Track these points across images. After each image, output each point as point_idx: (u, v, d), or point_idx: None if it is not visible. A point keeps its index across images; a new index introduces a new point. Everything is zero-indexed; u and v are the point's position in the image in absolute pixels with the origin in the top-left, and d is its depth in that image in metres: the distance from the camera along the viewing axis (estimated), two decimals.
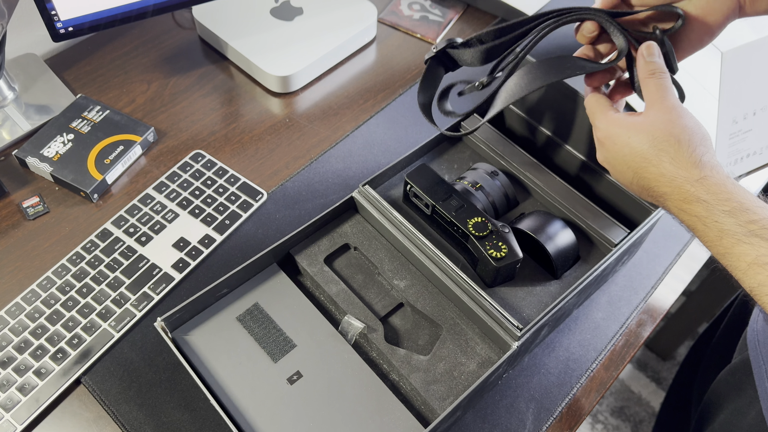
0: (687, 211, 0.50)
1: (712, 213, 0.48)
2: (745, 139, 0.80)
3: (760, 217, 0.46)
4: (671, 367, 1.54)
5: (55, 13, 0.75)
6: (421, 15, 1.01)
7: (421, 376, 0.60)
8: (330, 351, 0.62)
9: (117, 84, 0.90)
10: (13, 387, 0.63)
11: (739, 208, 0.47)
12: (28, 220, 0.76)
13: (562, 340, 0.69)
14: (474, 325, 0.63)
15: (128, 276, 0.71)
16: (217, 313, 0.64)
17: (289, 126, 0.87)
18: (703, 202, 0.49)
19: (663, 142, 0.51)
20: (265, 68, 0.88)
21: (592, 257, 0.67)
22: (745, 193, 0.48)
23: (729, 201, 0.48)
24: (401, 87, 0.92)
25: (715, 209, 0.48)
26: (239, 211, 0.77)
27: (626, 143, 0.53)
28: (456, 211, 0.64)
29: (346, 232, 0.69)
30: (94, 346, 0.66)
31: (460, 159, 0.75)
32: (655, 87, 0.54)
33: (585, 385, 0.67)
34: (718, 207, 0.48)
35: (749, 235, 0.46)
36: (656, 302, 0.74)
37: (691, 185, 0.49)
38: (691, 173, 0.49)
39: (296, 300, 0.65)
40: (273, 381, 0.60)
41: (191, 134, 0.85)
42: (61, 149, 0.80)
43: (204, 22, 0.92)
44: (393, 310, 0.65)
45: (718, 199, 0.48)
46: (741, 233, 0.46)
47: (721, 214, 0.48)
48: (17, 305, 0.68)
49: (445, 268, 0.63)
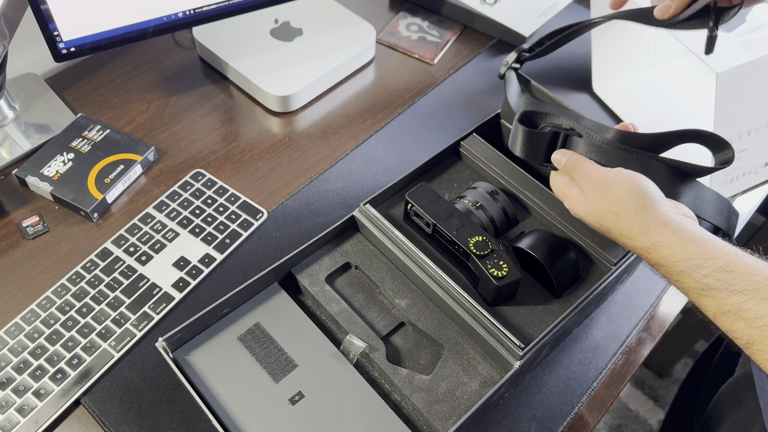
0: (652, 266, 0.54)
1: (671, 275, 0.51)
2: (741, 158, 0.81)
3: (711, 270, 0.48)
4: (668, 384, 1.54)
5: (57, 33, 0.76)
6: (419, 36, 1.02)
7: (424, 396, 0.60)
8: (332, 371, 0.62)
9: (117, 103, 0.91)
10: (12, 408, 0.63)
11: (692, 266, 0.49)
12: (28, 239, 0.76)
13: (563, 358, 0.69)
14: (475, 344, 0.63)
15: (128, 295, 0.71)
16: (218, 333, 0.64)
17: (289, 145, 0.88)
18: (661, 266, 0.52)
19: (607, 220, 0.55)
20: (265, 88, 0.89)
21: (591, 276, 0.68)
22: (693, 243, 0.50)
23: (680, 262, 0.50)
24: (400, 106, 0.93)
25: (672, 271, 0.51)
26: (239, 230, 0.77)
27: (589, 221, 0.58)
28: (457, 230, 0.64)
29: (347, 251, 0.69)
30: (93, 367, 0.66)
31: (459, 178, 0.75)
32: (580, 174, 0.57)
33: (586, 403, 0.67)
34: (673, 269, 0.50)
35: (706, 289, 0.48)
36: (655, 320, 0.74)
37: (646, 252, 0.52)
38: (640, 242, 0.52)
39: (297, 319, 0.65)
40: (274, 401, 0.60)
41: (191, 153, 0.86)
42: (62, 168, 0.80)
43: (204, 43, 0.93)
44: (394, 329, 0.65)
45: (670, 262, 0.50)
46: (698, 289, 0.49)
47: (679, 275, 0.50)
48: (16, 325, 0.68)
49: (446, 287, 0.63)
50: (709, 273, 0.48)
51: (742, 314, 0.46)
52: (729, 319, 0.47)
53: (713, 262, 0.48)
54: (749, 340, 0.46)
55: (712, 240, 0.50)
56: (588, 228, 0.69)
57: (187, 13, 0.83)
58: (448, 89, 0.95)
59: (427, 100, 0.93)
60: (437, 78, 0.97)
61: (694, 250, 0.49)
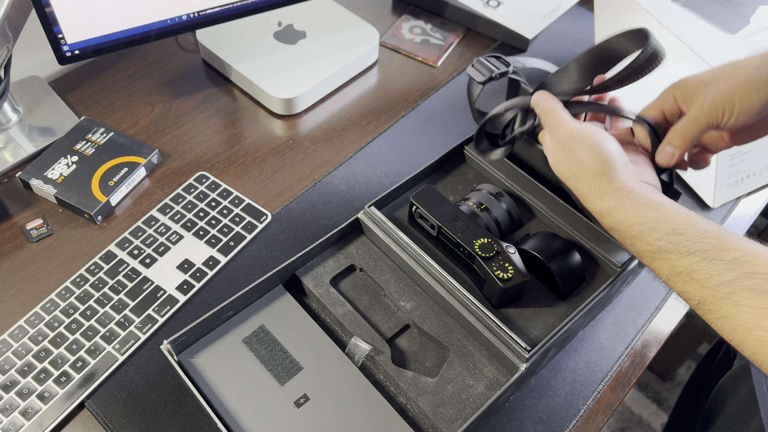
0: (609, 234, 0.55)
1: (624, 239, 0.52)
2: (745, 160, 0.81)
3: (664, 233, 0.49)
4: (672, 387, 1.54)
5: (62, 36, 0.76)
6: (422, 38, 1.02)
7: (429, 399, 0.60)
8: (337, 373, 0.62)
9: (121, 106, 0.91)
10: (16, 411, 0.62)
11: (645, 229, 0.50)
12: (32, 242, 0.76)
13: (568, 361, 0.69)
14: (481, 347, 0.63)
15: (132, 298, 0.70)
16: (222, 336, 0.63)
17: (293, 147, 0.87)
18: (615, 231, 0.52)
19: (567, 180, 0.56)
20: (268, 90, 0.89)
21: (597, 278, 0.67)
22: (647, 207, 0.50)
23: (633, 227, 0.50)
24: (403, 109, 0.93)
25: (626, 235, 0.51)
26: (244, 233, 0.77)
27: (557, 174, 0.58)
28: (462, 232, 0.64)
29: (352, 254, 0.69)
30: (98, 370, 0.65)
31: (464, 180, 0.75)
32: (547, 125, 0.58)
33: (592, 406, 0.67)
34: (627, 233, 0.51)
35: (659, 252, 0.49)
36: (660, 323, 0.74)
37: (600, 216, 0.53)
38: (596, 206, 0.53)
39: (302, 322, 0.65)
40: (280, 404, 0.60)
41: (195, 156, 0.86)
42: (65, 171, 0.80)
43: (208, 45, 0.93)
44: (400, 332, 0.65)
45: (624, 226, 0.51)
46: (651, 252, 0.50)
47: (631, 239, 0.51)
48: (20, 328, 0.68)
49: (451, 289, 0.63)
50: (662, 236, 0.49)
51: (694, 275, 0.46)
52: (681, 281, 0.47)
53: (666, 225, 0.49)
54: (701, 301, 0.46)
55: (665, 203, 0.50)
56: (593, 230, 0.69)
57: (190, 16, 0.83)
58: (451, 91, 0.95)
59: (430, 103, 0.93)
60: (440, 80, 0.97)
61: (647, 214, 0.50)
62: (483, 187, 0.71)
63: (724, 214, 0.82)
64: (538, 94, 0.60)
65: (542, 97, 0.59)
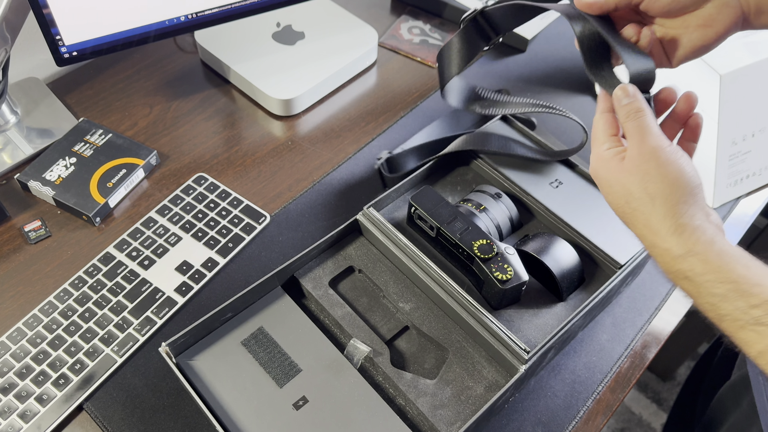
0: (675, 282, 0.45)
1: (702, 294, 0.43)
2: (745, 160, 0.80)
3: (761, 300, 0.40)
4: (672, 387, 1.54)
5: (60, 37, 0.76)
6: (421, 39, 1.02)
7: (428, 401, 0.60)
8: (336, 375, 0.61)
9: (119, 107, 0.90)
10: (14, 414, 0.62)
11: (734, 290, 0.41)
12: (30, 244, 0.76)
13: (568, 362, 0.69)
14: (480, 348, 0.63)
15: (131, 300, 0.70)
16: (221, 338, 0.63)
17: (292, 149, 0.87)
18: (689, 281, 0.43)
19: (636, 200, 0.45)
20: (267, 91, 0.88)
21: (596, 279, 0.67)
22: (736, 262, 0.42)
23: (720, 283, 0.41)
24: (402, 109, 0.93)
25: (705, 291, 0.42)
26: (242, 234, 0.77)
27: (608, 189, 0.49)
28: (461, 234, 0.64)
29: (351, 255, 0.69)
30: (96, 372, 0.65)
31: (463, 181, 0.75)
32: (634, 130, 0.47)
33: (591, 407, 0.67)
34: (709, 289, 0.42)
35: (754, 324, 0.40)
36: (660, 323, 0.74)
37: (672, 259, 0.43)
38: (669, 243, 0.43)
39: (301, 324, 0.65)
40: (278, 406, 0.59)
41: (194, 157, 0.85)
42: (64, 173, 0.80)
43: (206, 46, 0.93)
44: (398, 334, 0.65)
45: (705, 280, 0.42)
46: (744, 320, 0.40)
47: (713, 297, 0.42)
48: (18, 330, 0.68)
49: (450, 291, 0.63)
50: (760, 303, 0.40)
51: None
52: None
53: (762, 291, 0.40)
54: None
55: (755, 260, 0.42)
56: (593, 231, 0.68)
57: (189, 17, 0.83)
58: None
59: (429, 103, 0.93)
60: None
61: (736, 271, 0.41)
62: (482, 188, 0.71)
63: (723, 214, 0.82)
64: (629, 87, 0.49)
65: (632, 92, 0.48)
